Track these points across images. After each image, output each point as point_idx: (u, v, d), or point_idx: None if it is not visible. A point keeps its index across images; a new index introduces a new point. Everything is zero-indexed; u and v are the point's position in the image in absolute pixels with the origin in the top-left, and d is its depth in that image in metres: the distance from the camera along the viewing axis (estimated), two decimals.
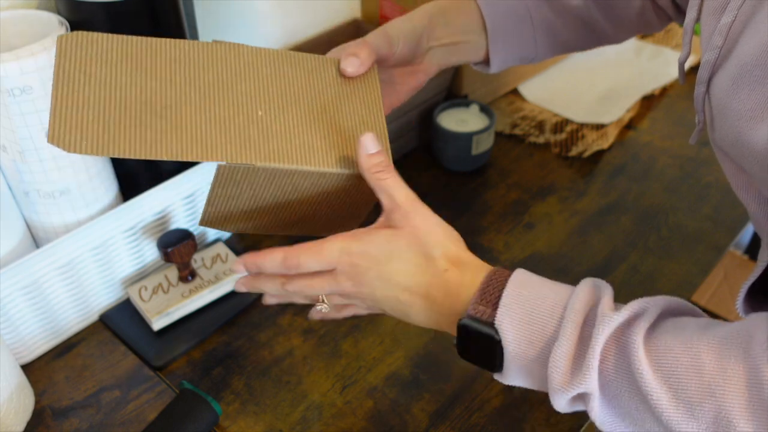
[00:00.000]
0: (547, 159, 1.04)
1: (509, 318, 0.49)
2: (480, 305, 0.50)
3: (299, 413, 0.71)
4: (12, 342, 0.72)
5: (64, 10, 0.68)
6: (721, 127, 0.53)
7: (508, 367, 0.50)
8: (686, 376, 0.44)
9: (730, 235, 0.91)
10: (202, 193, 0.82)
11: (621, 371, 0.46)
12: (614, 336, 0.47)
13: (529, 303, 0.49)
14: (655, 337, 0.46)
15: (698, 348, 0.44)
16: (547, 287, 0.50)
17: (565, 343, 0.47)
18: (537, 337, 0.48)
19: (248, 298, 0.81)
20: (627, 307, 0.47)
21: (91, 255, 0.74)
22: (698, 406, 0.43)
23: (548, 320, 0.48)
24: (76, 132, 0.47)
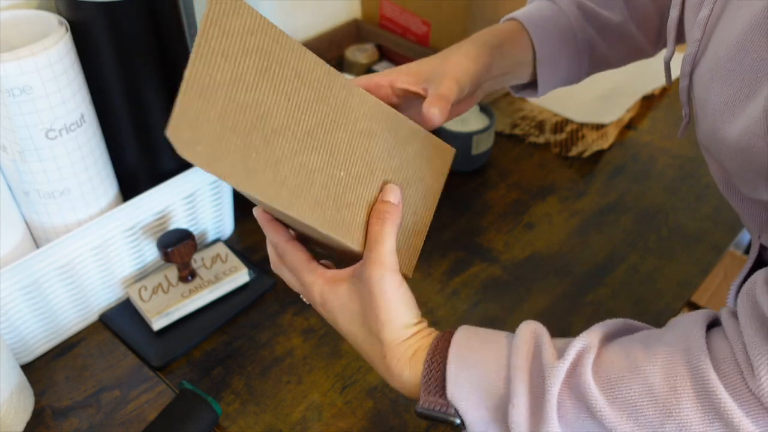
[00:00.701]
0: (547, 159, 1.04)
1: (459, 393, 0.49)
2: (429, 396, 0.50)
3: (299, 413, 0.71)
4: (12, 342, 0.72)
5: (64, 10, 0.68)
6: (702, 122, 0.54)
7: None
8: (641, 402, 0.45)
9: (730, 235, 0.91)
10: (202, 193, 0.82)
11: (581, 413, 0.47)
12: (566, 383, 0.47)
13: (475, 372, 0.49)
14: (603, 369, 0.47)
15: (645, 372, 0.45)
16: (484, 348, 0.51)
17: (519, 403, 0.47)
18: (492, 403, 0.49)
19: (248, 298, 0.81)
20: (570, 350, 0.48)
21: (91, 255, 0.74)
22: (659, 429, 0.44)
23: (498, 383, 0.49)
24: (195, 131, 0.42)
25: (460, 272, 0.85)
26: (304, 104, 0.47)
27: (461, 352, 0.51)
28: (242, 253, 0.87)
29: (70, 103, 0.66)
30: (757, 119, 0.45)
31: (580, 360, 0.47)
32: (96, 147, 0.72)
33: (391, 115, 0.53)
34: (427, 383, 0.51)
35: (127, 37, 0.69)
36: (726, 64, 0.48)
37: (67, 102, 0.66)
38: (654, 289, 0.83)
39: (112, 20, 0.67)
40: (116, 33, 0.68)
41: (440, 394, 0.50)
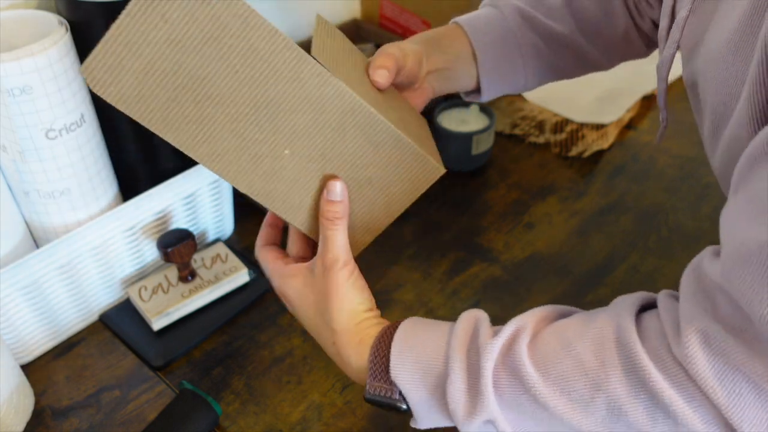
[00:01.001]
0: (547, 159, 1.04)
1: (402, 374, 0.51)
2: (375, 382, 0.52)
3: (299, 413, 0.71)
4: (12, 342, 0.72)
5: (64, 10, 0.68)
6: (702, 130, 0.54)
7: (420, 417, 0.53)
8: (573, 377, 0.46)
9: None
10: (202, 193, 0.82)
11: (516, 389, 0.48)
12: (500, 358, 0.49)
13: (416, 353, 0.51)
14: (538, 348, 0.49)
15: (577, 349, 0.47)
16: (429, 332, 0.53)
17: (456, 379, 0.49)
18: (431, 381, 0.51)
19: (248, 298, 0.81)
20: (505, 328, 0.50)
21: (91, 255, 0.74)
22: (591, 403, 0.46)
23: (437, 361, 0.51)
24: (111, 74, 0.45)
25: (460, 272, 0.85)
26: (257, 80, 0.47)
27: (405, 336, 0.53)
28: (242, 253, 0.87)
29: (70, 103, 0.66)
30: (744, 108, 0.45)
31: (515, 339, 0.49)
32: (96, 147, 0.72)
33: (371, 118, 0.52)
34: (373, 368, 0.53)
35: None
36: (719, 60, 0.48)
37: (67, 102, 0.66)
38: (654, 289, 0.83)
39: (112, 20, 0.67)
40: None
41: (385, 379, 0.52)
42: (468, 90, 0.74)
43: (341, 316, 0.55)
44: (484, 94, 0.73)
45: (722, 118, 0.49)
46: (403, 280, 0.84)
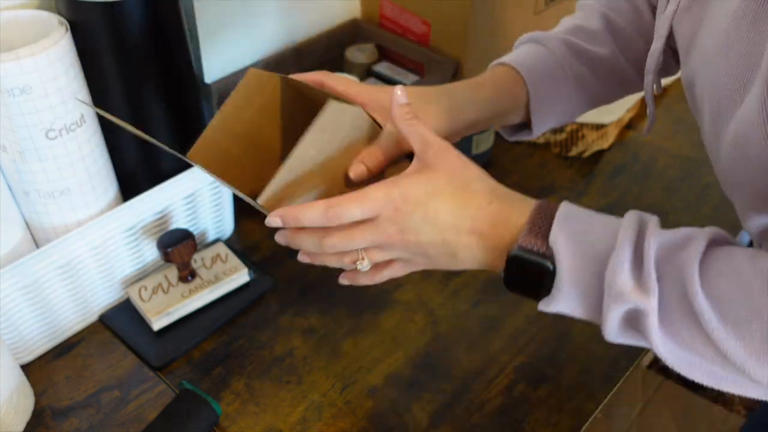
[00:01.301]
0: (547, 159, 1.04)
1: (563, 236, 0.49)
2: (530, 236, 0.50)
3: (299, 413, 0.71)
4: (12, 342, 0.72)
5: (64, 10, 0.68)
6: (702, 128, 0.54)
7: (560, 289, 0.50)
8: (736, 298, 0.45)
9: (730, 235, 0.91)
10: (202, 193, 0.82)
11: (675, 291, 0.47)
12: (669, 256, 0.47)
13: (582, 225, 0.50)
14: (705, 263, 0.47)
15: (747, 273, 0.46)
16: (596, 214, 0.51)
17: (624, 254, 0.47)
18: (592, 253, 0.48)
19: (248, 298, 0.81)
20: (678, 231, 0.48)
21: (91, 255, 0.74)
22: (746, 327, 0.45)
23: (602, 237, 0.49)
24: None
25: (460, 272, 0.85)
26: None
27: (572, 209, 0.51)
28: (242, 253, 0.87)
29: (70, 103, 0.66)
30: (753, 108, 0.45)
31: (691, 242, 0.48)
32: (96, 147, 0.72)
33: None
34: (533, 223, 0.50)
35: (127, 37, 0.69)
36: (715, 54, 0.48)
37: (67, 102, 0.66)
38: None
39: (112, 20, 0.67)
40: (116, 33, 0.68)
41: (543, 237, 0.50)
42: (512, 129, 0.74)
43: (487, 177, 0.53)
44: (536, 132, 0.72)
45: (723, 116, 0.49)
46: (403, 280, 0.84)
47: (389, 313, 0.81)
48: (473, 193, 0.52)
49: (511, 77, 0.70)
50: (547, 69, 0.70)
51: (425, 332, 0.78)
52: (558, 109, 0.72)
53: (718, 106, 0.50)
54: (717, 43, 0.48)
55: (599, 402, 0.72)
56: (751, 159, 0.48)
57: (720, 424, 1.55)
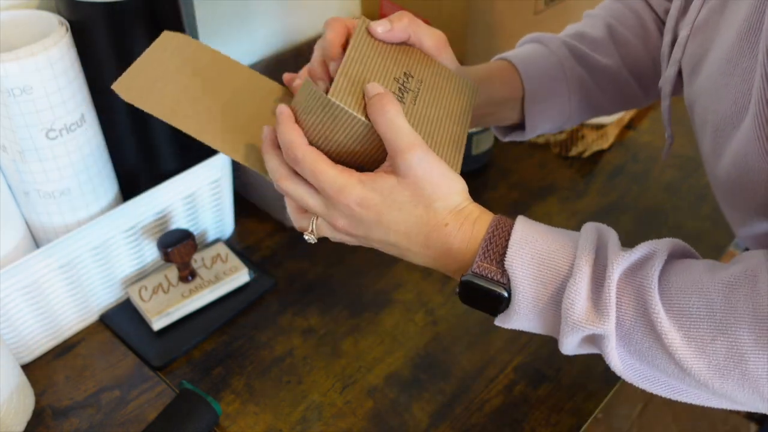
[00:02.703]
0: (547, 159, 1.04)
1: (520, 260, 0.48)
2: (484, 262, 0.49)
3: (299, 413, 0.71)
4: (12, 342, 0.72)
5: (64, 10, 0.68)
6: (702, 146, 0.54)
7: (517, 311, 0.50)
8: (698, 315, 0.45)
9: (730, 235, 0.91)
10: (202, 193, 0.82)
11: (635, 311, 0.47)
12: (628, 277, 0.47)
13: (539, 246, 0.49)
14: (665, 280, 0.47)
15: (708, 288, 0.45)
16: (552, 232, 0.50)
17: (581, 280, 0.47)
18: (550, 277, 0.48)
19: (248, 298, 0.81)
20: (637, 249, 0.48)
21: (91, 255, 0.74)
22: (710, 344, 0.45)
23: (561, 260, 0.48)
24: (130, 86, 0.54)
25: None
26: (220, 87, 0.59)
27: (528, 227, 0.50)
28: (242, 253, 0.87)
29: (70, 103, 0.66)
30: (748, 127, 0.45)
31: (647, 261, 0.47)
32: (96, 147, 0.72)
33: None
34: (487, 248, 0.50)
35: (127, 37, 0.69)
36: (719, 79, 0.48)
37: (67, 102, 0.66)
38: None
39: (112, 20, 0.67)
40: (116, 33, 0.68)
41: (497, 262, 0.49)
42: (506, 130, 0.73)
43: (452, 196, 0.51)
44: (528, 131, 0.71)
45: (724, 135, 0.49)
46: (403, 280, 0.84)
47: (389, 313, 0.81)
48: (432, 212, 0.50)
49: (507, 69, 0.69)
50: (545, 67, 0.70)
51: (425, 332, 0.78)
52: (554, 108, 0.71)
53: (720, 125, 0.50)
54: (722, 63, 0.48)
55: (599, 402, 0.72)
56: (750, 174, 0.47)
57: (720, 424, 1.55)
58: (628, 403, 1.55)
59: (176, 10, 0.72)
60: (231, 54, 0.64)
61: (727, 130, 0.49)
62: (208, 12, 0.94)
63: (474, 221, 0.51)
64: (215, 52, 0.60)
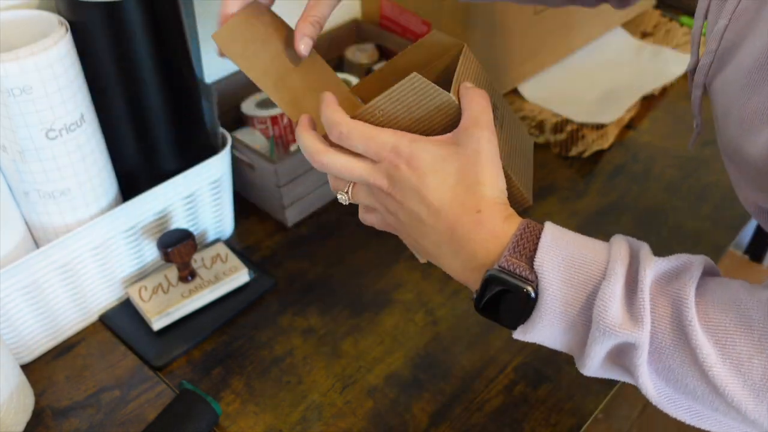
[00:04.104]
0: (547, 159, 1.04)
1: (550, 260, 0.46)
2: (513, 257, 0.47)
3: (299, 413, 0.71)
4: (12, 342, 0.72)
5: (64, 10, 0.68)
6: (724, 133, 0.54)
7: (542, 316, 0.47)
8: (735, 332, 0.43)
9: (730, 235, 0.91)
10: (202, 193, 0.82)
11: (668, 323, 0.44)
12: (663, 286, 0.45)
13: (570, 249, 0.47)
14: (701, 293, 0.45)
15: (747, 305, 0.44)
16: (582, 237, 0.49)
17: (616, 283, 0.45)
18: (582, 280, 0.46)
19: (248, 298, 0.81)
20: (671, 258, 0.46)
21: (91, 255, 0.74)
22: (746, 362, 0.43)
23: (593, 264, 0.46)
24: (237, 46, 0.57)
25: None
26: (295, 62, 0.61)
27: (558, 230, 0.48)
28: (242, 253, 0.87)
29: (70, 103, 0.66)
30: None
31: (683, 272, 0.46)
32: (96, 147, 0.72)
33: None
34: (517, 244, 0.47)
35: (127, 37, 0.69)
36: (754, 73, 0.47)
37: (67, 102, 0.66)
38: None
39: (112, 20, 0.67)
40: (116, 33, 0.68)
41: (527, 259, 0.47)
42: None
43: (494, 186, 0.49)
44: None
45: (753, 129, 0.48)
46: (403, 280, 0.84)
47: (389, 313, 0.81)
48: (470, 194, 0.49)
49: None
50: None
51: (425, 332, 0.78)
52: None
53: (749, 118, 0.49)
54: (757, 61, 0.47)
55: (599, 402, 0.72)
56: None
57: None
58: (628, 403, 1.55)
59: (176, 10, 0.72)
60: None
61: (757, 124, 0.47)
62: (208, 12, 0.94)
63: (505, 218, 0.49)
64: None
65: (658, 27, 1.33)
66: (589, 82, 1.20)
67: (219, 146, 0.84)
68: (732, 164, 0.56)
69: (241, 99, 1.01)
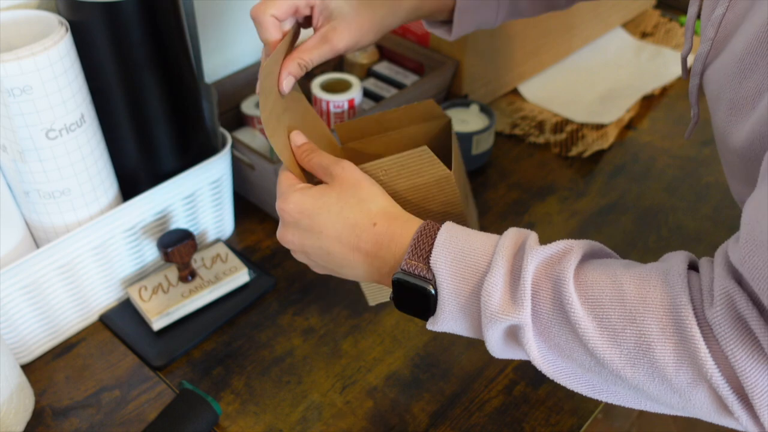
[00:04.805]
0: (547, 159, 1.04)
1: (444, 257, 0.51)
2: (412, 260, 0.52)
3: (299, 413, 0.71)
4: (12, 342, 0.72)
5: (64, 10, 0.68)
6: (714, 120, 0.54)
7: (443, 309, 0.52)
8: (610, 305, 0.47)
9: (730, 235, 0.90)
10: (202, 193, 0.82)
11: (551, 303, 0.48)
12: (545, 270, 0.49)
13: (461, 245, 0.51)
14: (582, 273, 0.49)
15: (621, 280, 0.47)
16: (476, 234, 0.53)
17: (498, 273, 0.49)
18: (470, 273, 0.50)
19: (248, 298, 0.81)
20: (553, 244, 0.50)
21: (91, 255, 0.74)
22: (620, 333, 0.46)
23: (481, 257, 0.50)
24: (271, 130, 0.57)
25: None
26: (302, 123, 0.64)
27: (453, 230, 0.52)
28: (242, 253, 0.87)
29: (70, 103, 0.66)
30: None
31: (564, 256, 0.49)
32: (96, 147, 0.72)
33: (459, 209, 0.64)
34: (415, 246, 0.52)
35: (127, 37, 0.69)
36: (746, 58, 0.48)
37: (67, 102, 0.66)
38: None
39: (112, 20, 0.67)
40: (116, 33, 0.68)
41: (424, 260, 0.51)
42: (436, 21, 0.73)
43: (381, 198, 0.55)
44: (455, 34, 0.72)
45: (742, 113, 0.49)
46: None
47: (389, 313, 0.81)
48: (361, 212, 0.54)
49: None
50: None
51: (425, 332, 0.78)
52: (482, 12, 0.72)
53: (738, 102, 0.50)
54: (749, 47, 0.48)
55: (599, 402, 0.72)
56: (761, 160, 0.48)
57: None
58: None
59: (176, 10, 0.72)
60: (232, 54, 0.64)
61: (746, 110, 0.49)
62: (208, 12, 0.94)
63: (404, 223, 0.54)
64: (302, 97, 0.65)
65: (657, 27, 1.33)
66: (589, 82, 1.20)
67: (219, 146, 0.84)
68: (722, 157, 0.57)
69: (241, 99, 1.01)
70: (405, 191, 0.60)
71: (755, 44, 0.47)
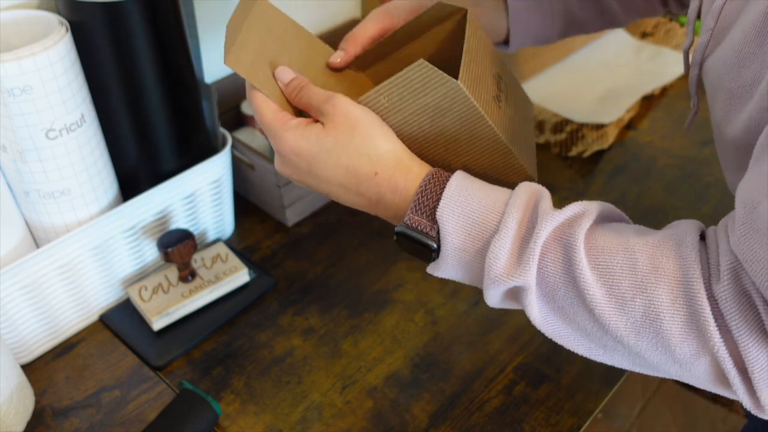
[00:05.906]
0: (547, 159, 1.04)
1: (449, 213, 0.50)
2: (415, 215, 0.51)
3: (299, 413, 0.71)
4: (12, 342, 0.72)
5: (64, 10, 0.68)
6: (713, 110, 0.54)
7: (445, 260, 0.51)
8: (621, 273, 0.46)
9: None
10: (202, 193, 0.82)
11: (560, 267, 0.48)
12: (555, 233, 0.48)
13: (470, 200, 0.50)
14: (593, 238, 0.48)
15: (634, 248, 0.47)
16: (486, 187, 0.51)
17: (506, 236, 0.48)
18: (478, 231, 0.49)
19: (248, 298, 0.81)
20: (567, 207, 0.49)
21: (91, 255, 0.74)
22: (630, 302, 0.46)
23: (490, 216, 0.49)
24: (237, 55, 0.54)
25: None
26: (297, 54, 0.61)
27: (464, 181, 0.51)
28: (242, 253, 0.87)
29: (70, 103, 0.66)
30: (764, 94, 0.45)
31: (577, 220, 0.48)
32: (96, 147, 0.72)
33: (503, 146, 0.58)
34: (419, 200, 0.51)
35: (127, 37, 0.69)
36: (744, 47, 0.48)
37: (67, 102, 0.66)
38: None
39: (112, 20, 0.67)
40: (116, 33, 0.68)
41: (428, 215, 0.50)
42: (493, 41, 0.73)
43: (381, 139, 0.52)
44: (513, 42, 0.72)
45: (739, 103, 0.50)
46: (403, 280, 0.84)
47: (389, 313, 0.81)
48: (360, 160, 0.52)
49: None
50: None
51: (425, 332, 0.78)
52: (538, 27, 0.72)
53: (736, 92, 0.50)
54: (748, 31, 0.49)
55: (599, 402, 0.72)
56: None
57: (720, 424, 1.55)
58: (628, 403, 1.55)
59: (176, 10, 0.72)
60: None
61: (744, 99, 0.49)
62: (208, 12, 0.94)
63: (407, 172, 0.52)
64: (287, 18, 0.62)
65: (658, 27, 1.33)
66: (589, 82, 1.20)
67: (219, 146, 0.84)
68: (719, 150, 0.57)
69: (241, 99, 1.01)
70: (416, 114, 0.54)
71: (753, 34, 0.48)
